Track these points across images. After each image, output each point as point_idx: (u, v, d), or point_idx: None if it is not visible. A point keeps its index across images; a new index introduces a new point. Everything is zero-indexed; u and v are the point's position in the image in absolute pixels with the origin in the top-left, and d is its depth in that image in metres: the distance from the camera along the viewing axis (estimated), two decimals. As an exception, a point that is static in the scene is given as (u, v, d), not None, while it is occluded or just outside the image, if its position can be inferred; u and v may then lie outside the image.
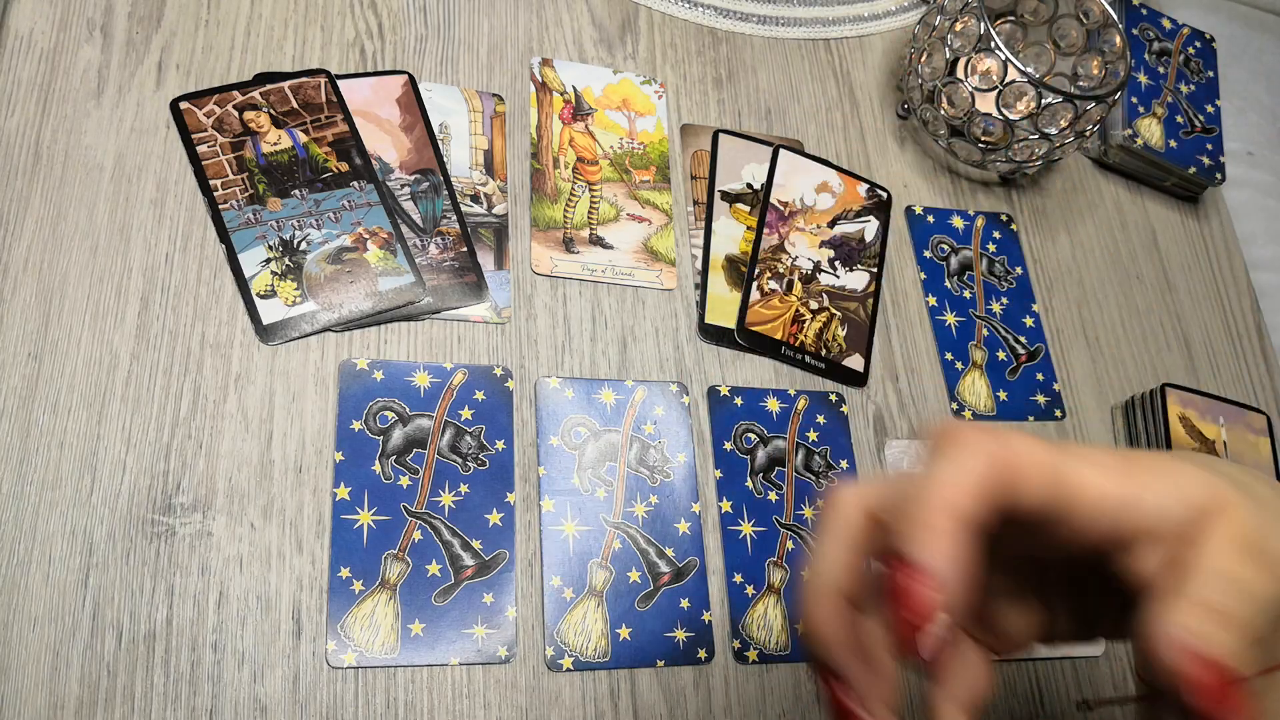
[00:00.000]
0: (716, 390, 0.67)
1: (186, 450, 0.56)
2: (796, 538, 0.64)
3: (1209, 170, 0.88)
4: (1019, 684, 0.65)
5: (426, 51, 0.72)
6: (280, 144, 0.65)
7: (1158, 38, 0.92)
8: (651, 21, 0.80)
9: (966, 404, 0.73)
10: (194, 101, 0.64)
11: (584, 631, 0.58)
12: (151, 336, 0.58)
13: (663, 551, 0.61)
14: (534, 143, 0.71)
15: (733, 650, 0.60)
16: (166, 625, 0.52)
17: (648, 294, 0.69)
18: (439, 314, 0.63)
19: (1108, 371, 0.79)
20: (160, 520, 0.54)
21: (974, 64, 0.77)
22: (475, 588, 0.57)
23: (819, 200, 0.76)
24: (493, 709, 0.55)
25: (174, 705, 0.51)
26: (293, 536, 0.56)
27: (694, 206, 0.73)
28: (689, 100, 0.77)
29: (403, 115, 0.68)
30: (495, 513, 0.59)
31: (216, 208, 0.62)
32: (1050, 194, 0.85)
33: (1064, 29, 0.83)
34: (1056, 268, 0.81)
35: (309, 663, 0.53)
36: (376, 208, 0.64)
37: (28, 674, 0.49)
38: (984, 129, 0.77)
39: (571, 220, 0.70)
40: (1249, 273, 0.90)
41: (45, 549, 0.52)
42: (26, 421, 0.54)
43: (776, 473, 0.66)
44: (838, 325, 0.72)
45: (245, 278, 0.61)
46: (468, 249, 0.65)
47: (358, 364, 0.60)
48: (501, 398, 0.62)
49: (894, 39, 0.87)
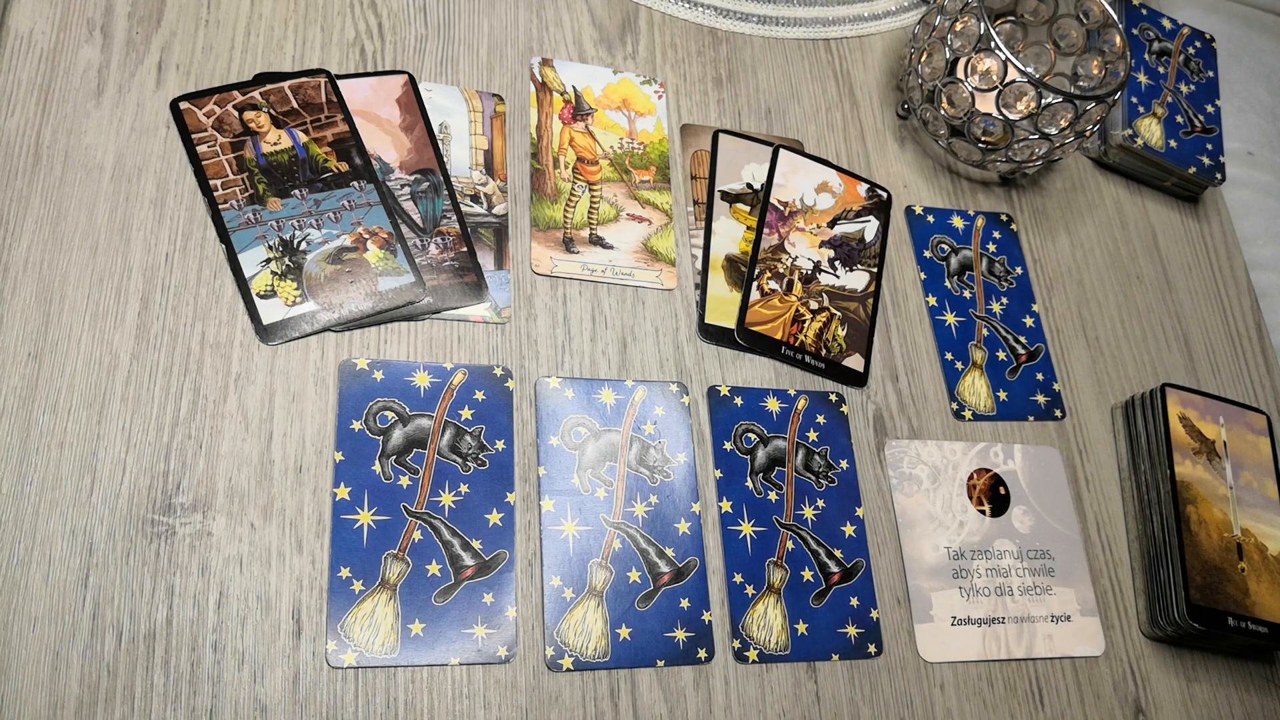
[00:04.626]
0: (716, 390, 0.67)
1: (186, 450, 0.56)
2: (796, 538, 0.64)
3: (1209, 170, 0.88)
4: (1019, 684, 0.65)
5: (426, 51, 0.72)
6: (280, 144, 0.65)
7: (1158, 38, 0.92)
8: (651, 21, 0.80)
9: (966, 404, 0.73)
10: (194, 101, 0.64)
11: (584, 631, 0.58)
12: (151, 336, 0.58)
13: (663, 551, 0.61)
14: (534, 143, 0.71)
15: (733, 650, 0.60)
16: (166, 625, 0.52)
17: (648, 294, 0.69)
18: (439, 314, 0.63)
19: (1108, 371, 0.79)
20: (160, 520, 0.54)
21: (974, 64, 0.77)
22: (475, 588, 0.57)
23: (819, 200, 0.76)
24: (493, 709, 0.55)
25: (174, 705, 0.51)
26: (293, 536, 0.56)
27: (694, 206, 0.73)
28: (689, 100, 0.77)
29: (403, 115, 0.68)
30: (495, 513, 0.59)
31: (216, 208, 0.62)
32: (1050, 194, 0.85)
33: (1064, 29, 0.83)
34: (1056, 268, 0.81)
35: (309, 663, 0.53)
36: (376, 208, 0.64)
37: (28, 674, 0.49)
38: (984, 129, 0.77)
39: (571, 220, 0.70)
40: (1249, 273, 0.90)
41: (45, 549, 0.52)
42: (26, 421, 0.54)
43: (776, 473, 0.66)
44: (838, 325, 0.72)
45: (245, 278, 0.61)
46: (468, 249, 0.65)
47: (358, 364, 0.60)
48: (501, 398, 0.62)
49: (894, 39, 0.87)
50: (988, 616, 0.66)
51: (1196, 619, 0.66)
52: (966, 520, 0.69)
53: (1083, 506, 0.72)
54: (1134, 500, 0.73)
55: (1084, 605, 0.68)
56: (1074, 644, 0.67)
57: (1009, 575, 0.68)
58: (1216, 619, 0.67)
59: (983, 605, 0.66)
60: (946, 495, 0.69)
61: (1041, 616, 0.67)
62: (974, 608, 0.66)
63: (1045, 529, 0.70)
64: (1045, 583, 0.68)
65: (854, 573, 0.64)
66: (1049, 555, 0.69)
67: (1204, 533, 0.70)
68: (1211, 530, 0.70)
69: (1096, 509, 0.73)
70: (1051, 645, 0.67)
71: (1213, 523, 0.71)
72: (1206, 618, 0.67)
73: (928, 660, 0.63)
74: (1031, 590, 0.68)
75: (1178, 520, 0.69)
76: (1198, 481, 0.72)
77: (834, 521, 0.65)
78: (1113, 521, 0.73)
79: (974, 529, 0.68)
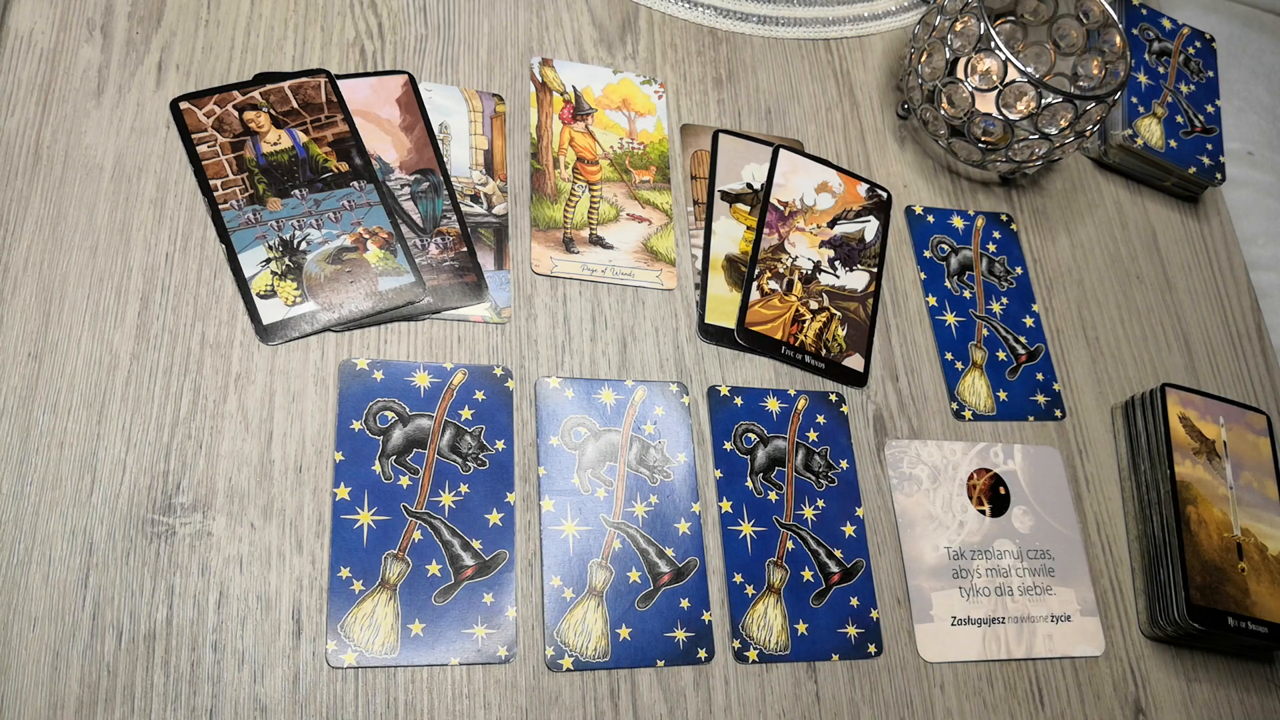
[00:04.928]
0: (716, 390, 0.67)
1: (186, 450, 0.56)
2: (796, 538, 0.64)
3: (1209, 170, 0.88)
4: (1019, 684, 0.65)
5: (426, 51, 0.72)
6: (280, 144, 0.65)
7: (1158, 38, 0.92)
8: (651, 21, 0.80)
9: (966, 404, 0.73)
10: (194, 101, 0.64)
11: (584, 631, 0.58)
12: (151, 336, 0.58)
13: (663, 551, 0.61)
14: (534, 143, 0.71)
15: (733, 650, 0.60)
16: (166, 625, 0.52)
17: (648, 294, 0.69)
18: (439, 314, 0.63)
19: (1108, 371, 0.79)
20: (160, 520, 0.54)
21: (974, 64, 0.77)
22: (475, 588, 0.57)
23: (819, 200, 0.76)
24: (493, 709, 0.55)
25: (174, 705, 0.51)
26: (293, 536, 0.56)
27: (694, 206, 0.73)
28: (689, 100, 0.77)
29: (403, 115, 0.68)
30: (495, 513, 0.59)
31: (216, 208, 0.62)
32: (1050, 194, 0.85)
33: (1064, 29, 0.83)
34: (1056, 268, 0.81)
35: (309, 663, 0.53)
36: (376, 208, 0.64)
37: (28, 674, 0.49)
38: (984, 129, 0.77)
39: (571, 220, 0.70)
40: (1249, 273, 0.90)
41: (45, 549, 0.52)
42: (26, 421, 0.54)
43: (776, 473, 0.66)
44: (838, 325, 0.72)
45: (245, 278, 0.61)
46: (468, 249, 0.65)
47: (358, 364, 0.60)
48: (501, 398, 0.62)
49: (894, 39, 0.87)
50: (988, 616, 0.66)
51: (1196, 619, 0.66)
52: (966, 520, 0.69)
53: (1083, 506, 0.72)
54: (1134, 500, 0.73)
55: (1084, 605, 0.68)
56: (1074, 644, 0.67)
57: (1009, 575, 0.68)
58: (1216, 619, 0.67)
59: (983, 605, 0.66)
60: (946, 495, 0.69)
61: (1041, 616, 0.67)
62: (974, 608, 0.66)
63: (1045, 529, 0.70)
64: (1045, 583, 0.68)
65: (854, 573, 0.64)
66: (1049, 555, 0.69)
67: (1204, 533, 0.70)
68: (1211, 530, 0.70)
69: (1096, 509, 0.73)
70: (1051, 645, 0.67)
71: (1213, 523, 0.71)
72: (1206, 618, 0.67)
73: (928, 660, 0.63)
74: (1031, 590, 0.68)
75: (1178, 520, 0.69)
76: (1198, 481, 0.72)
77: (834, 521, 0.65)
78: (1113, 521, 0.73)
79: (974, 529, 0.68)
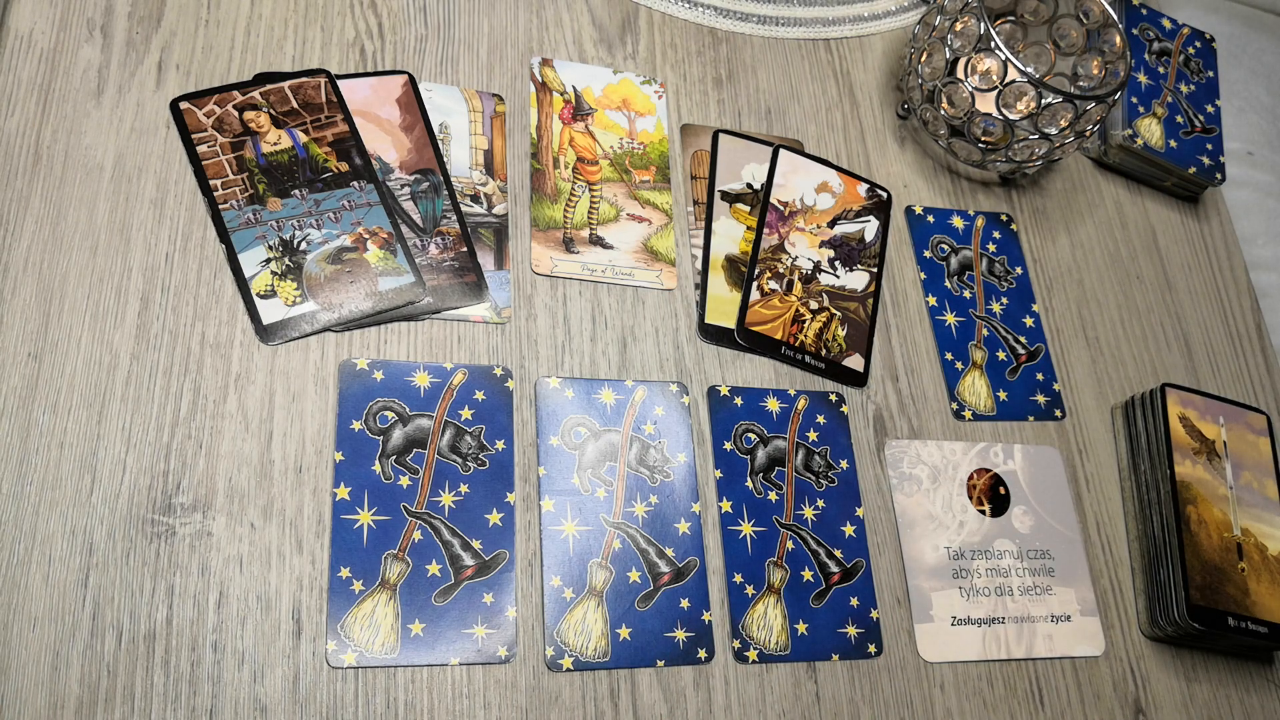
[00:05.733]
0: (716, 390, 0.67)
1: (186, 450, 0.56)
2: (796, 538, 0.64)
3: (1209, 170, 0.88)
4: (1019, 684, 0.65)
5: (426, 51, 0.72)
6: (280, 144, 0.65)
7: (1158, 38, 0.92)
8: (651, 21, 0.80)
9: (966, 404, 0.73)
10: (194, 101, 0.64)
11: (584, 631, 0.58)
12: (151, 336, 0.58)
13: (663, 551, 0.61)
14: (534, 143, 0.71)
15: (733, 650, 0.60)
16: (166, 625, 0.52)
17: (648, 294, 0.69)
18: (439, 314, 0.63)
19: (1108, 371, 0.79)
20: (160, 520, 0.54)
21: (974, 64, 0.77)
22: (475, 588, 0.57)
23: (819, 200, 0.76)
24: (493, 709, 0.55)
25: (174, 705, 0.51)
26: (293, 536, 0.56)
27: (694, 206, 0.73)
28: (689, 100, 0.77)
29: (403, 115, 0.68)
30: (495, 513, 0.59)
31: (216, 208, 0.62)
32: (1050, 194, 0.85)
33: (1064, 29, 0.83)
34: (1056, 268, 0.81)
35: (309, 663, 0.53)
36: (376, 208, 0.64)
37: (28, 674, 0.49)
38: (984, 129, 0.77)
39: (571, 220, 0.70)
40: (1249, 273, 0.90)
41: (45, 549, 0.52)
42: (26, 421, 0.54)
43: (776, 473, 0.66)
44: (838, 325, 0.72)
45: (245, 278, 0.61)
46: (468, 249, 0.65)
47: (358, 364, 0.60)
48: (501, 398, 0.62)
49: (894, 39, 0.87)
50: (988, 616, 0.66)
51: (1196, 619, 0.66)
52: (966, 520, 0.69)
53: (1083, 506, 0.72)
54: (1134, 500, 0.73)
55: (1084, 605, 0.68)
56: (1074, 644, 0.67)
57: (1009, 575, 0.68)
58: (1216, 619, 0.67)
59: (983, 605, 0.66)
60: (946, 495, 0.69)
61: (1041, 616, 0.67)
62: (974, 608, 0.66)
63: (1045, 529, 0.70)
64: (1045, 583, 0.68)
65: (854, 573, 0.64)
66: (1049, 555, 0.69)
67: (1204, 533, 0.70)
68: (1211, 530, 0.70)
69: (1096, 509, 0.73)
70: (1051, 645, 0.67)
71: (1213, 523, 0.71)
72: (1206, 618, 0.67)
73: (928, 660, 0.63)
74: (1031, 590, 0.68)
75: (1178, 520, 0.69)
76: (1198, 481, 0.72)
77: (834, 521, 0.65)
78: (1113, 521, 0.73)
79: (974, 529, 0.68)
